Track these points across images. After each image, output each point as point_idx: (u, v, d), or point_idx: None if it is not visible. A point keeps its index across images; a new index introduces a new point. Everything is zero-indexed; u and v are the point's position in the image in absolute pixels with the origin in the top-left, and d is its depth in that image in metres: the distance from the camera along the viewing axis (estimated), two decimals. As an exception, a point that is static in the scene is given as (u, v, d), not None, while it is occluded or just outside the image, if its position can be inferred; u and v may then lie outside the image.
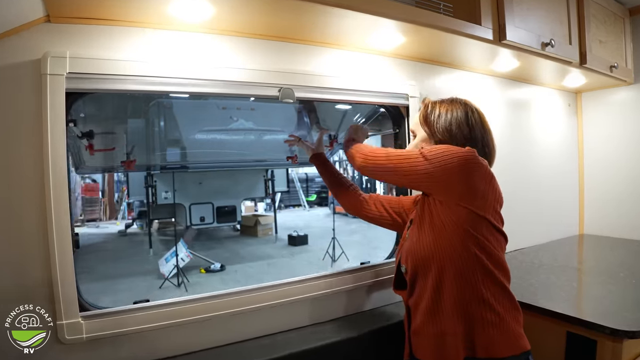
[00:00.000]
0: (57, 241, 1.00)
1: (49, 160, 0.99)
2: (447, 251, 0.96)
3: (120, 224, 9.74)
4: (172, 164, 5.76)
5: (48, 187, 0.99)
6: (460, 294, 0.95)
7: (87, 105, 2.62)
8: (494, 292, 0.96)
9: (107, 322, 1.07)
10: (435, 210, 0.99)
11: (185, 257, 5.63)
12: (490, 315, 0.95)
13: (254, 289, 1.28)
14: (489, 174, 0.98)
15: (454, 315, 0.96)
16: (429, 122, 1.09)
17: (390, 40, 1.42)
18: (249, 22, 1.21)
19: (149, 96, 4.46)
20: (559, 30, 1.69)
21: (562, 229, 2.36)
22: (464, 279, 0.95)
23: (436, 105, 1.11)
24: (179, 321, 1.14)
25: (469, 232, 0.95)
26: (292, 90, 1.32)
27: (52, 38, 1.02)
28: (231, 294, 1.23)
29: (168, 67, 1.14)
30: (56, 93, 1.00)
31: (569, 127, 2.40)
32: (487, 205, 0.96)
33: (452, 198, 0.96)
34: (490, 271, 0.96)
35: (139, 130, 5.08)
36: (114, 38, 1.09)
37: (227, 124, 5.69)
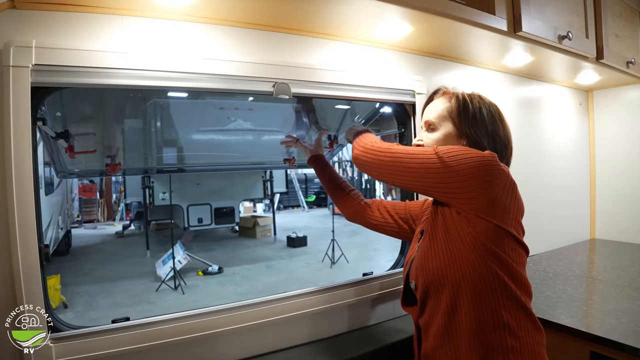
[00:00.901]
0: (21, 255, 0.89)
1: (11, 163, 0.88)
2: (463, 269, 0.84)
3: (118, 225, 9.67)
4: (168, 166, 5.66)
5: (11, 195, 0.88)
6: (478, 318, 0.84)
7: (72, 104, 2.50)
8: (516, 315, 0.85)
9: (81, 344, 0.95)
10: (452, 222, 0.87)
11: (183, 259, 5.55)
12: (512, 342, 0.83)
13: (244, 305, 1.16)
14: (511, 182, 0.87)
15: (471, 343, 0.84)
16: (464, 117, 0.96)
17: (397, 30, 1.31)
18: (239, 9, 1.10)
19: (146, 96, 4.37)
20: (576, 23, 1.57)
21: (573, 233, 2.24)
22: (483, 301, 0.83)
23: (472, 98, 0.99)
24: (160, 342, 1.02)
25: (489, 247, 0.83)
26: (287, 85, 1.20)
27: (17, 26, 0.91)
28: (218, 312, 1.11)
29: (149, 59, 1.02)
30: (20, 87, 0.88)
31: (580, 126, 2.29)
32: (510, 217, 0.85)
33: (471, 208, 0.84)
34: (512, 291, 0.84)
35: (135, 131, 4.98)
36: (88, 26, 0.98)
37: (225, 124, 5.60)
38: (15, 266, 0.88)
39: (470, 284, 0.84)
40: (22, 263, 0.88)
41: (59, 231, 6.04)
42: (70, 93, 2.25)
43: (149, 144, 5.20)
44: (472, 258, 0.84)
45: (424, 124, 1.03)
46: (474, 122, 0.96)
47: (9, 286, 0.89)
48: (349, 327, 1.33)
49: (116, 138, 3.93)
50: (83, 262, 6.21)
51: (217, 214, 7.13)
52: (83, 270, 5.75)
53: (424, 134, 1.01)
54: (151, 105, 5.11)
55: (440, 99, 1.02)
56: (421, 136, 1.02)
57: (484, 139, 0.95)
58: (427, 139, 1.00)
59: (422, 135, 1.01)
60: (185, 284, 5.13)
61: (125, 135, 4.84)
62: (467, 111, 0.97)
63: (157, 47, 1.06)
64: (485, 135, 0.95)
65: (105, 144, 3.52)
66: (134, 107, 4.85)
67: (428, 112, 1.03)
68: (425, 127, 1.02)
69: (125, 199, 8.99)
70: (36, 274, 0.90)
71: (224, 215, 7.25)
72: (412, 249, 1.06)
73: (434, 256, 0.90)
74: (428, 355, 0.94)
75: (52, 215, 5.52)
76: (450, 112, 0.98)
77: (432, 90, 1.07)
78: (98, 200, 10.21)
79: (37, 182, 0.95)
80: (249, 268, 6.06)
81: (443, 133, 0.98)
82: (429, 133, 1.00)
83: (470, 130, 0.96)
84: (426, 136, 1.00)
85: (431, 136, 0.99)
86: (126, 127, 4.84)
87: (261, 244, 7.72)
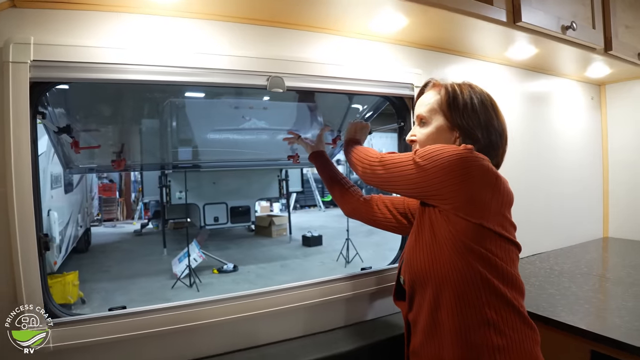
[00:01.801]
0: (20, 243, 0.92)
1: (11, 159, 0.92)
2: (445, 268, 0.84)
3: (137, 224, 9.87)
4: (184, 163, 5.75)
5: (10, 187, 0.92)
6: (461, 317, 0.83)
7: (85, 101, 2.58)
8: (502, 313, 0.83)
9: (77, 330, 0.98)
10: (435, 220, 0.87)
11: (198, 257, 5.63)
12: (498, 340, 0.82)
13: (239, 296, 1.17)
14: (492, 174, 0.85)
15: (454, 341, 0.84)
16: (454, 108, 0.95)
17: (393, 23, 1.30)
18: (230, 3, 1.11)
19: (163, 96, 4.47)
20: (582, 13, 1.53)
21: (585, 231, 2.18)
22: (465, 300, 0.83)
23: (462, 89, 0.97)
24: (156, 330, 1.05)
25: (470, 246, 0.82)
26: (281, 78, 1.21)
27: (17, 23, 0.95)
28: (214, 302, 1.13)
29: (144, 55, 1.05)
30: (19, 82, 0.92)
31: (592, 122, 2.22)
32: (491, 213, 0.84)
33: (450, 207, 0.84)
34: (498, 289, 0.83)
35: (152, 131, 5.09)
36: (85, 23, 1.01)
37: (239, 124, 5.66)
38: (14, 254, 0.92)
39: (453, 282, 0.84)
40: (20, 251, 0.92)
41: (78, 229, 6.22)
42: (83, 92, 2.33)
43: (166, 142, 5.32)
44: (453, 257, 0.83)
45: (416, 119, 1.02)
46: (465, 113, 0.94)
47: (10, 274, 0.93)
48: (346, 321, 1.33)
49: (129, 136, 4.02)
50: (101, 260, 6.38)
51: (233, 213, 7.16)
52: (101, 267, 5.90)
53: (417, 129, 1.00)
54: (167, 105, 5.23)
55: (430, 91, 1.01)
56: (414, 131, 1.01)
57: (477, 131, 0.93)
58: (420, 133, 0.99)
59: (415, 130, 1.01)
60: (201, 281, 5.20)
61: (143, 135, 4.97)
62: (457, 102, 0.95)
63: (151, 42, 1.08)
64: (478, 126, 0.94)
65: (114, 140, 3.60)
66: (151, 107, 4.96)
67: (419, 106, 1.01)
68: (417, 122, 1.01)
69: (143, 197, 9.17)
70: (34, 262, 0.94)
71: (240, 214, 7.27)
72: (408, 243, 1.05)
73: (419, 254, 0.90)
74: (415, 351, 0.94)
75: (71, 214, 5.69)
76: (440, 104, 0.97)
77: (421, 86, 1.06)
78: (117, 199, 10.47)
79: (37, 174, 0.99)
80: (264, 267, 6.11)
81: (435, 127, 0.97)
82: (421, 128, 0.99)
83: (462, 122, 0.94)
84: (418, 131, 1.00)
85: (423, 131, 0.98)
86: (144, 126, 4.97)
87: (276, 243, 7.76)
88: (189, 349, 1.11)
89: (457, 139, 0.95)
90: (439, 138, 0.96)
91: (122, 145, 3.39)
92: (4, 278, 0.93)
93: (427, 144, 0.95)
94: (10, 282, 0.93)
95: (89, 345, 0.98)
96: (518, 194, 0.93)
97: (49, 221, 4.27)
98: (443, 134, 0.96)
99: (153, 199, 8.40)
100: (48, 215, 4.26)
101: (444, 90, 0.98)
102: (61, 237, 4.83)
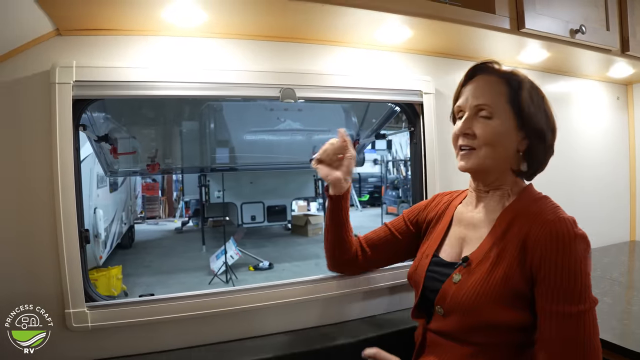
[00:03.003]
0: (65, 237, 1.08)
1: (57, 163, 1.08)
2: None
3: (178, 222, 10.32)
4: (221, 166, 5.98)
5: (57, 188, 1.08)
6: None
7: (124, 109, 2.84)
8: None
9: (112, 312, 1.13)
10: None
11: (235, 254, 5.86)
12: None
13: (258, 287, 1.29)
14: None
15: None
16: (527, 109, 0.85)
17: (398, 34, 1.36)
18: (246, 24, 1.23)
19: (200, 99, 4.70)
20: (593, 15, 1.53)
21: (609, 235, 2.12)
22: None
23: (535, 87, 0.89)
24: (179, 316, 1.18)
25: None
26: (292, 90, 1.31)
27: (61, 50, 1.11)
28: (232, 292, 1.26)
29: (169, 72, 1.19)
30: (64, 100, 1.08)
31: (618, 122, 2.16)
32: None
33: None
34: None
35: (191, 133, 5.35)
36: (119, 47, 1.16)
37: (275, 125, 5.82)
38: (60, 246, 1.08)
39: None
40: (65, 243, 1.08)
41: (122, 226, 6.63)
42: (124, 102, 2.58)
43: (204, 145, 5.56)
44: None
45: (470, 108, 0.88)
46: (538, 112, 0.86)
47: (56, 263, 1.09)
48: (359, 314, 1.40)
49: (166, 140, 4.27)
50: (144, 255, 6.78)
51: (270, 212, 7.37)
52: (143, 262, 6.28)
53: (473, 122, 0.87)
54: (205, 108, 5.48)
55: (490, 77, 0.89)
56: (469, 124, 0.87)
57: (547, 133, 0.88)
58: (482, 129, 0.86)
59: (471, 124, 0.87)
60: (237, 277, 5.40)
61: (183, 137, 5.24)
62: (531, 102, 0.85)
63: (176, 61, 1.22)
64: (547, 127, 0.88)
65: (150, 146, 3.87)
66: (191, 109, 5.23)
67: (476, 93, 0.88)
68: (472, 112, 0.88)
69: (183, 196, 9.58)
70: (76, 253, 1.10)
71: (276, 213, 7.47)
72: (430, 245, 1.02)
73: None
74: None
75: (116, 211, 6.09)
76: (509, 98, 0.86)
77: (442, 90, 1.19)
78: (160, 198, 11.01)
79: (79, 178, 1.15)
80: (299, 265, 6.27)
81: (499, 124, 0.85)
82: (483, 120, 0.86)
83: (532, 122, 0.86)
84: (478, 125, 0.86)
85: (486, 125, 0.85)
86: (184, 129, 5.24)
87: (312, 242, 7.92)
88: (206, 333, 1.23)
89: (523, 141, 0.88)
90: (505, 139, 0.86)
91: (156, 151, 3.65)
92: (51, 267, 1.09)
93: (492, 142, 0.86)
94: (56, 271, 1.09)
95: (120, 326, 1.13)
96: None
97: (95, 218, 4.62)
98: (510, 134, 0.86)
99: (193, 197, 8.77)
100: (94, 213, 4.62)
101: (514, 81, 0.88)
102: (106, 233, 5.20)
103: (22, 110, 1.08)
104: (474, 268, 0.86)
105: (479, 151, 0.87)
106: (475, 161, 0.88)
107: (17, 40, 1.05)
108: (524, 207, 0.88)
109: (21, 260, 1.08)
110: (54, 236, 1.09)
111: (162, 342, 1.18)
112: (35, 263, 1.09)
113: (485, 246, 0.88)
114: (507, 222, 0.87)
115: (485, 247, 0.87)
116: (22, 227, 1.08)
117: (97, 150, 3.25)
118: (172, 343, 1.18)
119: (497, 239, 0.86)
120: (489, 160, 0.87)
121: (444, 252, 0.98)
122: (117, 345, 1.14)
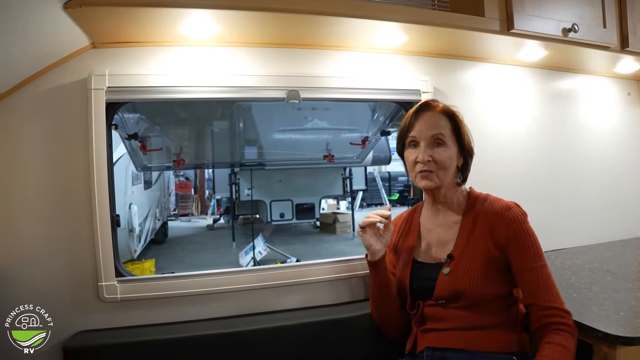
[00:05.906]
0: (99, 220, 1.27)
1: (93, 158, 1.27)
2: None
3: (209, 219, 10.64)
4: (250, 162, 6.15)
5: (92, 179, 1.27)
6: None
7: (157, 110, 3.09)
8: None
9: (138, 286, 1.31)
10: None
11: (263, 250, 6.02)
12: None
13: (269, 267, 1.45)
14: None
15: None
16: (461, 138, 1.14)
17: (394, 39, 1.48)
18: (254, 34, 1.38)
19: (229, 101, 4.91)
20: (588, 14, 1.58)
21: (620, 230, 2.12)
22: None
23: (462, 117, 1.15)
24: (197, 291, 1.35)
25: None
26: (297, 91, 1.45)
27: (96, 60, 1.30)
28: (244, 271, 1.43)
29: (187, 78, 1.36)
30: (98, 103, 1.27)
31: (629, 118, 2.17)
32: None
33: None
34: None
35: (222, 132, 5.57)
36: (143, 56, 1.35)
37: (302, 124, 5.94)
38: (95, 228, 1.27)
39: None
40: (99, 226, 1.27)
41: (156, 222, 6.95)
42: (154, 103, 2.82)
43: (234, 142, 5.76)
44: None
45: (428, 138, 1.10)
46: (465, 144, 1.15)
47: (91, 243, 1.28)
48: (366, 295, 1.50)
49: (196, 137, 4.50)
50: (176, 251, 7.08)
51: (298, 210, 7.52)
52: (175, 257, 6.57)
53: (432, 150, 1.10)
54: (235, 108, 5.68)
55: (436, 113, 1.13)
56: (427, 152, 1.10)
57: (471, 154, 1.18)
58: (440, 155, 1.10)
59: (430, 151, 1.10)
60: (265, 272, 5.55)
61: (214, 136, 5.46)
62: (462, 132, 1.14)
63: (194, 68, 1.39)
64: (469, 149, 1.17)
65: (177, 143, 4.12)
66: (223, 109, 5.44)
67: (429, 125, 1.10)
68: (429, 142, 1.10)
69: (214, 194, 9.88)
70: (108, 234, 1.28)
71: (305, 211, 7.62)
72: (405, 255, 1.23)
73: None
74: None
75: (150, 208, 6.40)
76: (452, 130, 1.13)
77: (442, 89, 1.37)
78: (192, 195, 11.41)
79: (112, 169, 1.34)
80: (325, 262, 6.34)
81: (452, 153, 1.12)
82: (439, 148, 1.10)
83: (465, 154, 1.16)
84: (438, 152, 1.10)
85: (443, 152, 1.10)
86: (215, 128, 5.46)
87: (340, 240, 7.98)
88: (224, 308, 1.38)
89: (459, 159, 1.16)
90: (453, 162, 1.13)
91: (181, 148, 3.90)
92: (88, 246, 1.28)
93: (446, 166, 1.10)
94: (92, 248, 1.28)
95: (145, 298, 1.31)
96: (545, 189, 1.09)
97: (129, 213, 4.92)
98: (455, 157, 1.13)
99: (224, 195, 9.00)
100: (129, 209, 4.91)
101: (453, 116, 1.14)
102: (140, 228, 5.50)
103: (64, 113, 1.28)
104: (458, 259, 1.10)
105: (439, 172, 1.11)
106: (437, 181, 1.11)
107: (58, 53, 1.25)
108: (480, 207, 1.14)
109: (63, 240, 1.28)
110: (89, 220, 1.27)
111: (182, 314, 1.34)
112: (75, 242, 1.28)
113: (461, 242, 1.12)
114: (472, 221, 1.13)
115: (462, 243, 1.12)
116: (65, 217, 1.28)
117: (129, 148, 3.55)
118: (190, 315, 1.35)
119: (469, 235, 1.12)
120: (446, 178, 1.13)
121: (422, 257, 1.20)
122: (142, 315, 1.31)
